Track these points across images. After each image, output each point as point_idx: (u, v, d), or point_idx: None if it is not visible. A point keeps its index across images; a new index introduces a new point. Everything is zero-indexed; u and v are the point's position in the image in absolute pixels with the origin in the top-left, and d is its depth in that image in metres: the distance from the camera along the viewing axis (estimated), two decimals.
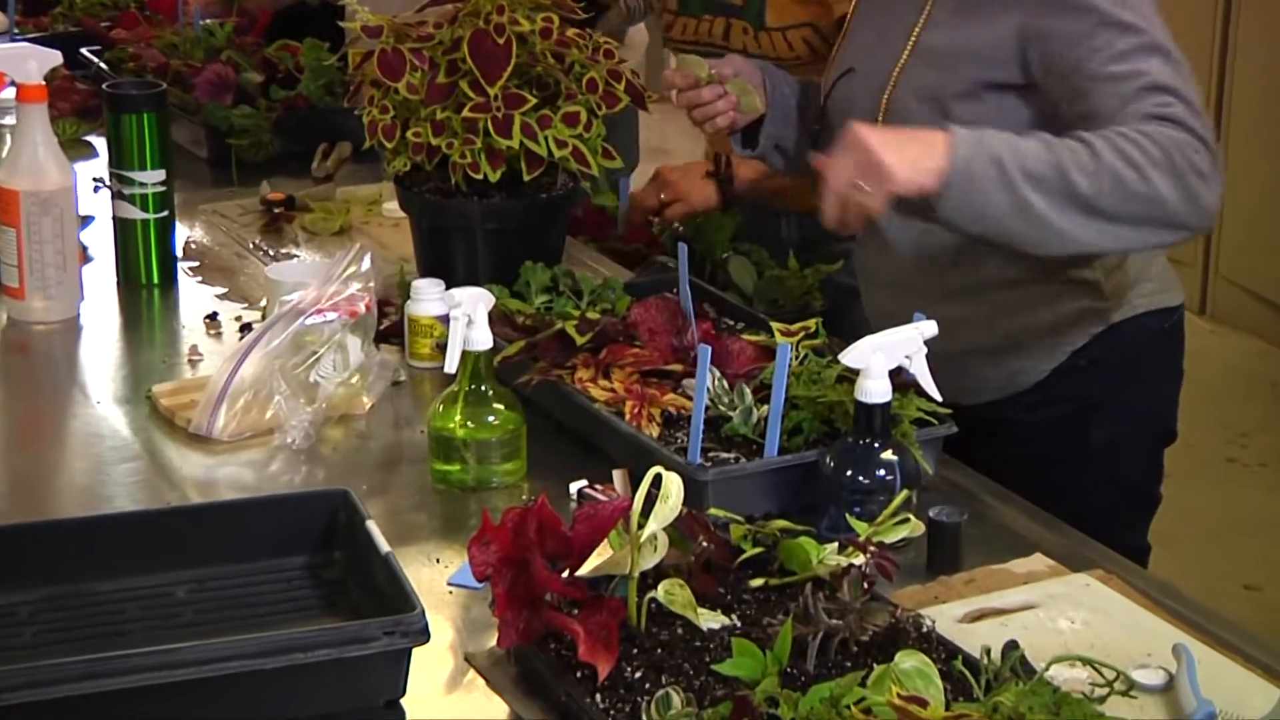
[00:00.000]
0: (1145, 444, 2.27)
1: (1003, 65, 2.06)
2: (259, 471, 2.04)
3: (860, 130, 1.90)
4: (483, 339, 1.95)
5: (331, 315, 2.15)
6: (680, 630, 1.57)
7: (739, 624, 1.60)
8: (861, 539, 1.65)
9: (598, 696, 1.49)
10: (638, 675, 1.51)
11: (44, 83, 2.43)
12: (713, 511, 1.76)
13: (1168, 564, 2.32)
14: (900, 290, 2.21)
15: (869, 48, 2.21)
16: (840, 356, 1.84)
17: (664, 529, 1.56)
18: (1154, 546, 2.29)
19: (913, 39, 2.13)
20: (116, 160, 2.58)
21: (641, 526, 1.54)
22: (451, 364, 1.97)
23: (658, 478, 1.54)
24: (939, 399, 1.89)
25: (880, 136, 1.90)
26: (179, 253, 2.67)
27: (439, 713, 1.58)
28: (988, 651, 1.53)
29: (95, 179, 2.92)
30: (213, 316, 2.47)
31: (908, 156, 1.88)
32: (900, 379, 1.86)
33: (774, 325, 2.13)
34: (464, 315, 1.95)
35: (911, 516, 1.75)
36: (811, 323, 2.11)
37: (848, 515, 1.76)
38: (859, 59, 2.22)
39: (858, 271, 2.36)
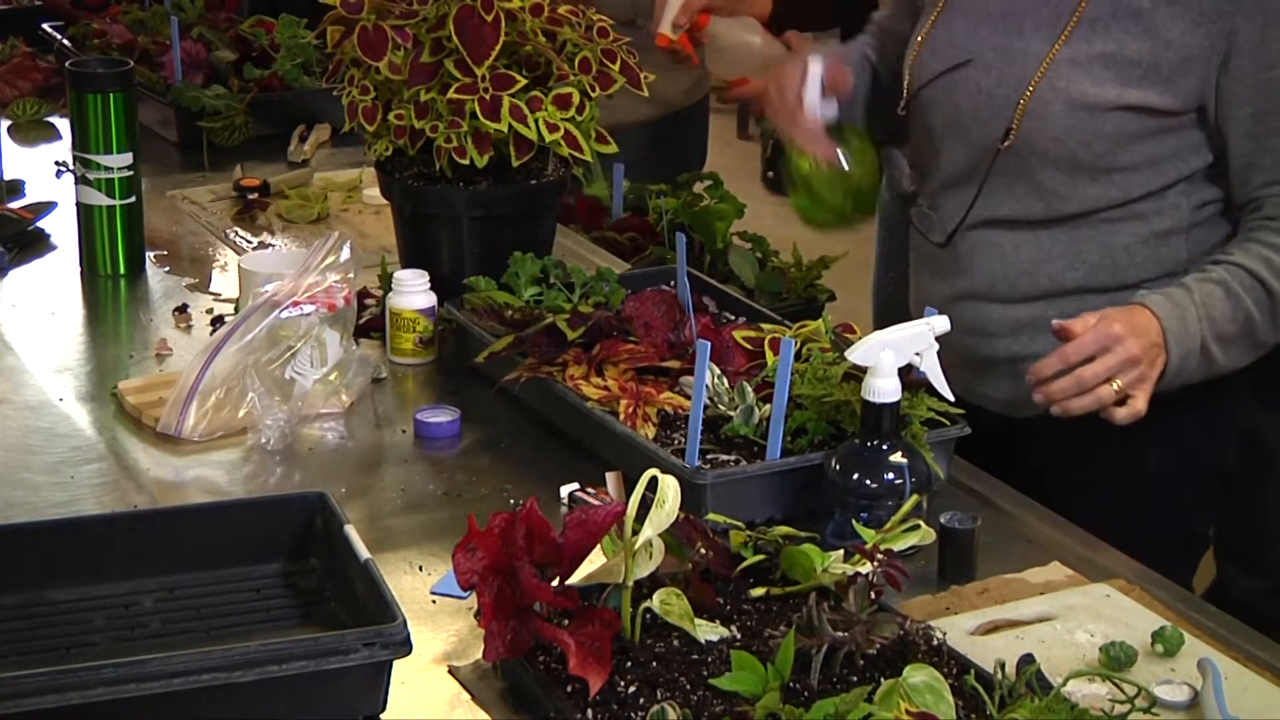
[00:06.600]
0: (1201, 476, 2.25)
1: (1165, 82, 2.04)
2: (231, 473, 2.04)
3: (1116, 329, 1.92)
4: None
5: (309, 308, 2.15)
6: (677, 642, 1.58)
7: (739, 636, 1.60)
8: (869, 546, 1.66)
9: (589, 712, 1.49)
10: (631, 690, 1.51)
11: None
12: (711, 517, 1.77)
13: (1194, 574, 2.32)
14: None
15: (985, 38, 2.14)
16: (847, 353, 1.85)
17: (660, 535, 1.56)
18: None
19: (1062, 37, 2.07)
20: (80, 143, 2.58)
21: (636, 533, 1.54)
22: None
23: (653, 481, 1.55)
24: (951, 398, 1.90)
25: (1141, 343, 1.94)
26: (146, 241, 2.67)
27: None
28: (1002, 666, 1.53)
29: (58, 163, 2.92)
30: (182, 309, 2.48)
31: (1155, 360, 1.96)
32: (910, 377, 1.87)
33: (764, 326, 2.14)
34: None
35: (922, 523, 1.76)
36: (813, 323, 2.11)
37: (854, 521, 1.77)
38: (976, 49, 2.14)
39: (917, 262, 2.33)
